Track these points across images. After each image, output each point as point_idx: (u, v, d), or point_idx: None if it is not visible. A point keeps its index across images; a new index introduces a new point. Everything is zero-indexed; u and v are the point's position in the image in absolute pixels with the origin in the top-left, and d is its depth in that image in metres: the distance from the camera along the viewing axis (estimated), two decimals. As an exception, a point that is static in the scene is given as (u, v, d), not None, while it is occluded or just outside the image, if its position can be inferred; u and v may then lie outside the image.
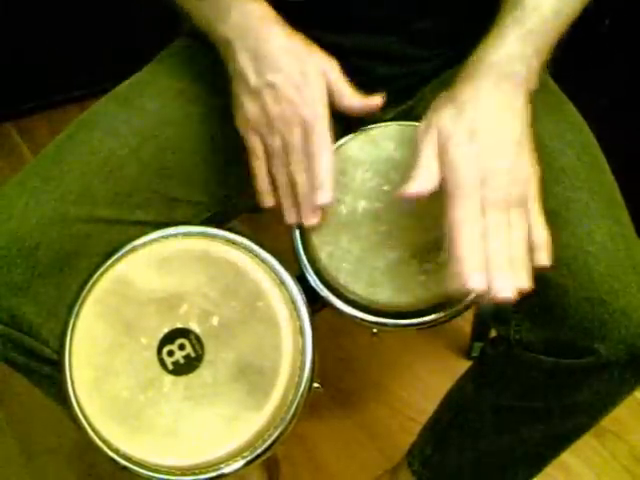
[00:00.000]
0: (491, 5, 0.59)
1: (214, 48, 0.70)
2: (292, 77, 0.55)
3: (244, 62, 0.56)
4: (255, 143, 0.58)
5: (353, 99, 0.57)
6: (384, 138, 0.63)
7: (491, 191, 0.49)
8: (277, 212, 0.59)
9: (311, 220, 0.58)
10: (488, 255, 0.47)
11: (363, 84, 0.68)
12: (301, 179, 0.56)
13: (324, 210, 0.58)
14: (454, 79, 0.56)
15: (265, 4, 0.58)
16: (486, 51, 0.55)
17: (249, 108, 0.57)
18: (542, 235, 0.50)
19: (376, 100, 0.58)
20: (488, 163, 0.50)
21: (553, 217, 0.57)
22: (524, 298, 0.58)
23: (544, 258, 0.50)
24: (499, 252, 0.48)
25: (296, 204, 0.58)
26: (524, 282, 0.48)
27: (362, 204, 0.60)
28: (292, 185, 0.57)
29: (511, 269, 0.48)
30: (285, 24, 0.58)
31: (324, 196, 0.56)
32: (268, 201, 0.59)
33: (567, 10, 0.57)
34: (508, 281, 0.47)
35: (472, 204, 0.48)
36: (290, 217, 0.59)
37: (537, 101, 0.64)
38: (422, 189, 0.50)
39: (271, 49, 0.56)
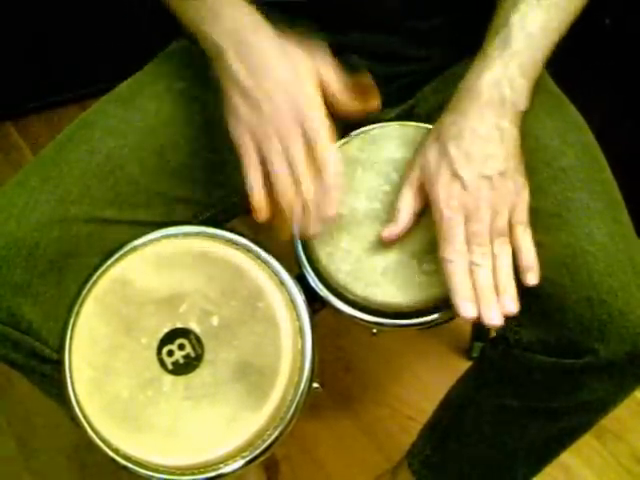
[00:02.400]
0: (492, 4, 0.59)
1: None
2: (285, 80, 0.54)
3: (236, 67, 0.55)
4: (249, 149, 0.55)
5: (347, 98, 0.56)
6: (384, 138, 0.63)
7: (475, 225, 0.53)
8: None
9: (316, 229, 0.54)
10: (476, 286, 0.52)
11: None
12: (307, 187, 0.53)
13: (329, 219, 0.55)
14: (445, 108, 0.57)
15: (254, 9, 0.57)
16: (470, 79, 0.56)
17: (243, 111, 0.55)
18: (530, 258, 0.54)
19: (373, 103, 0.57)
20: (469, 200, 0.53)
21: (553, 217, 0.57)
22: (523, 298, 0.58)
23: (532, 278, 0.54)
24: (485, 282, 0.52)
25: (296, 215, 0.54)
26: (510, 307, 0.52)
27: (362, 204, 0.60)
28: (295, 194, 0.53)
29: (497, 297, 0.52)
30: (275, 27, 0.57)
31: (333, 206, 0.53)
32: (264, 215, 0.55)
33: (555, 25, 0.58)
34: (494, 310, 0.52)
35: (456, 241, 0.53)
36: (285, 231, 0.54)
37: (537, 102, 0.64)
38: (397, 234, 0.56)
39: (262, 53, 0.55)
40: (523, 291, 0.58)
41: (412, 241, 0.58)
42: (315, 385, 0.56)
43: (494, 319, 0.51)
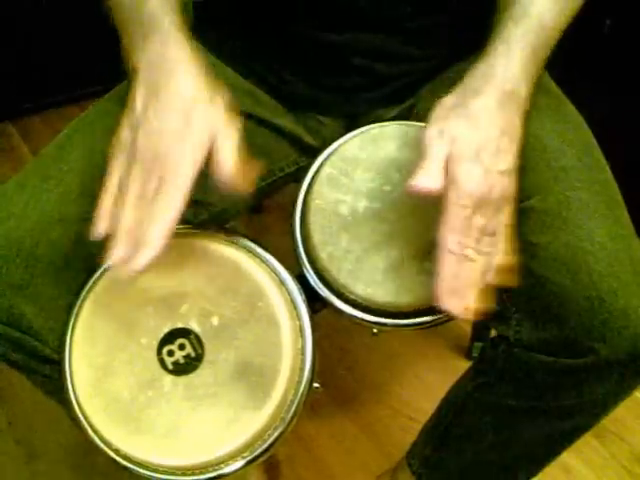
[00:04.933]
0: (490, 4, 0.59)
1: (214, 49, 0.71)
2: (172, 124, 0.51)
3: (139, 94, 0.53)
4: (114, 169, 0.53)
5: (226, 170, 0.52)
6: (384, 138, 0.63)
7: (480, 219, 0.51)
8: (277, 213, 0.59)
9: (125, 267, 0.51)
10: (458, 275, 0.50)
11: (363, 84, 0.69)
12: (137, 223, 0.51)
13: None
14: (460, 87, 0.55)
15: (187, 45, 0.55)
16: (495, 68, 0.55)
17: (124, 137, 0.53)
18: (508, 260, 0.52)
19: (247, 181, 0.53)
20: (484, 190, 0.51)
21: (553, 217, 0.57)
22: (524, 298, 0.58)
23: (511, 280, 0.52)
24: (468, 276, 0.51)
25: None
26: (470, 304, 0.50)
27: (362, 204, 0.60)
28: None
29: (476, 291, 0.50)
30: (201, 70, 0.54)
31: (139, 261, 0.50)
32: (99, 231, 0.53)
33: (558, 23, 0.57)
34: (459, 301, 0.50)
35: (461, 233, 0.50)
36: (114, 254, 0.51)
37: (537, 101, 0.64)
38: (428, 187, 0.51)
39: (167, 91, 0.52)
40: (524, 291, 0.58)
41: (413, 241, 0.58)
42: (315, 385, 0.56)
43: (455, 309, 0.50)
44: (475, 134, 0.52)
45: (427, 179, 0.50)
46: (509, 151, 0.53)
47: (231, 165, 0.51)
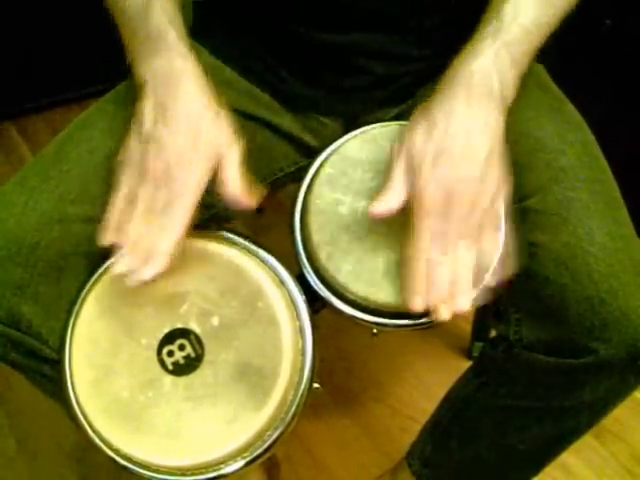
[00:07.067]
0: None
1: (214, 50, 0.71)
2: (182, 141, 0.54)
3: (147, 108, 0.55)
4: (124, 182, 0.55)
5: (233, 188, 0.55)
6: (384, 138, 0.63)
7: (444, 225, 0.53)
8: (277, 213, 0.59)
9: (132, 278, 0.53)
10: (430, 280, 0.53)
11: (363, 84, 0.69)
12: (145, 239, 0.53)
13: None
14: (434, 89, 0.57)
15: (192, 58, 0.57)
16: (461, 65, 0.56)
17: (133, 150, 0.55)
18: (490, 260, 0.54)
19: (252, 199, 0.56)
20: (450, 189, 0.53)
21: (553, 217, 0.57)
22: (524, 298, 0.58)
23: (491, 280, 0.54)
24: (440, 279, 0.53)
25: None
26: (462, 306, 0.53)
27: (362, 204, 0.60)
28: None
29: (451, 293, 0.53)
30: (207, 83, 0.57)
31: (147, 272, 0.52)
32: (106, 239, 0.55)
33: (546, 19, 0.58)
34: (443, 306, 0.53)
35: (426, 233, 0.53)
36: (121, 264, 0.53)
37: (537, 101, 0.64)
38: (387, 210, 0.54)
39: (176, 106, 0.55)
40: (524, 291, 0.58)
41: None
42: (315, 385, 0.56)
43: (442, 315, 0.53)
44: (430, 140, 0.54)
45: (383, 205, 0.54)
46: (481, 145, 0.54)
47: (236, 183, 0.55)
